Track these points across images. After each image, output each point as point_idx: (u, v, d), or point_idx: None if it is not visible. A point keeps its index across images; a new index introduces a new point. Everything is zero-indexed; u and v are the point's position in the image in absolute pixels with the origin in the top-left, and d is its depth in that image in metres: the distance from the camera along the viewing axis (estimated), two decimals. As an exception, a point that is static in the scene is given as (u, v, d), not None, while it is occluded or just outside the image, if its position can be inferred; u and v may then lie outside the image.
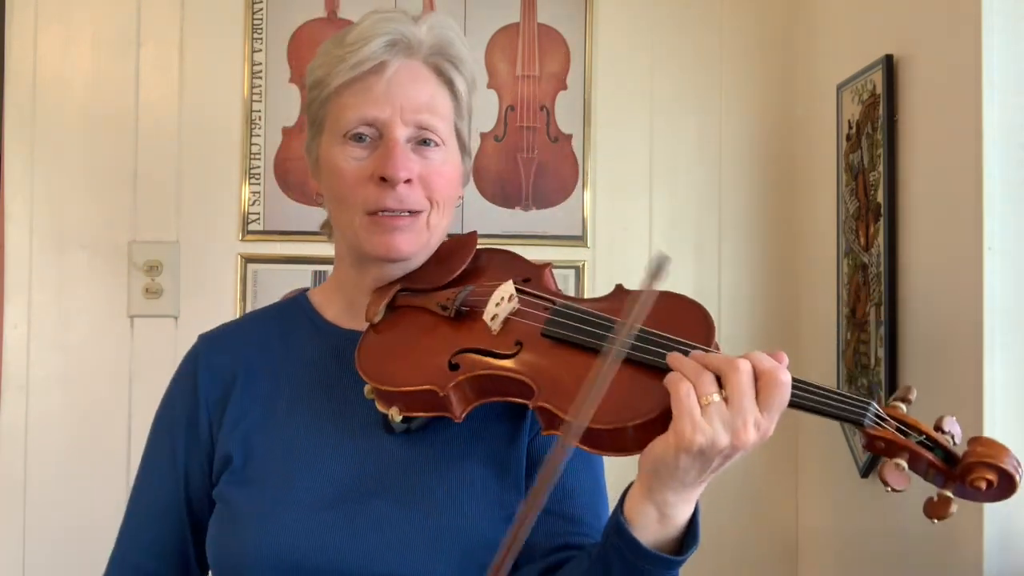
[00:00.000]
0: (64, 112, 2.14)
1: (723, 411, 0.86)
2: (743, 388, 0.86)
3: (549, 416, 0.94)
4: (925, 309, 1.64)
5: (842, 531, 1.98)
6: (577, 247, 2.22)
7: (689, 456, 0.86)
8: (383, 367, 1.06)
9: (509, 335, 1.02)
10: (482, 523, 1.06)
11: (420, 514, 1.04)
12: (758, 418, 0.86)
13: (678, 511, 0.92)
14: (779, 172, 2.27)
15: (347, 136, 1.12)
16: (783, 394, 0.87)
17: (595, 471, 1.16)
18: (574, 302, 1.06)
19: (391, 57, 1.11)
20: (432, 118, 1.12)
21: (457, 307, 1.08)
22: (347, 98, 1.12)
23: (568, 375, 0.96)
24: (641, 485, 0.92)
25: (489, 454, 1.10)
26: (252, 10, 2.18)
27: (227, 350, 1.18)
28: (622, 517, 0.93)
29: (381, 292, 1.14)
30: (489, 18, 2.22)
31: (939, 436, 0.87)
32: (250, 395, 1.14)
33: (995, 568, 1.41)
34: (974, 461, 0.84)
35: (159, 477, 1.17)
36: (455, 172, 1.16)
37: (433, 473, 1.07)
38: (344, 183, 1.12)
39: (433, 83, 1.14)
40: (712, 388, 0.86)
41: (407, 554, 1.02)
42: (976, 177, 1.45)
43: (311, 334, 1.19)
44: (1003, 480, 0.84)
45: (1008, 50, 1.45)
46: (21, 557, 2.09)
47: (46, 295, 2.13)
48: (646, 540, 0.91)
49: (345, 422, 1.11)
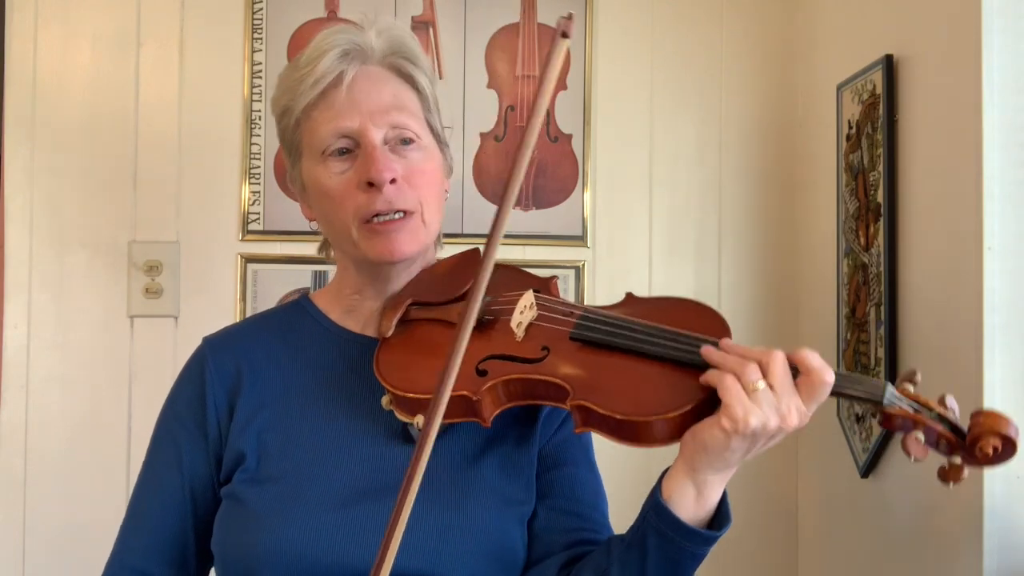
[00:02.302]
0: (64, 112, 2.14)
1: (770, 397, 0.93)
2: (783, 376, 0.94)
3: (586, 413, 0.99)
4: (925, 309, 1.64)
5: (842, 531, 1.98)
6: (577, 247, 2.22)
7: (741, 438, 0.93)
8: (407, 376, 1.07)
9: (533, 341, 1.07)
10: (494, 524, 1.08)
11: (433, 515, 1.05)
12: (799, 403, 0.94)
13: (714, 490, 0.99)
14: (779, 172, 2.27)
15: (325, 153, 1.13)
16: (826, 391, 0.95)
17: (594, 469, 1.20)
18: (597, 310, 1.10)
19: (346, 66, 1.13)
20: (401, 116, 1.13)
21: (479, 316, 1.10)
22: (315, 117, 1.13)
23: (602, 375, 1.01)
24: (685, 465, 0.98)
25: (502, 457, 1.12)
26: (252, 10, 2.18)
27: (232, 351, 1.18)
28: (661, 498, 0.98)
29: (393, 307, 1.15)
30: (489, 18, 2.22)
31: (946, 412, 0.96)
32: (259, 395, 1.15)
33: (995, 568, 1.41)
34: (982, 431, 0.94)
35: (162, 479, 1.17)
36: (436, 166, 1.18)
37: (447, 476, 1.08)
38: (333, 199, 1.13)
39: (394, 83, 1.16)
40: (757, 376, 0.93)
41: (419, 554, 1.03)
42: (976, 177, 1.45)
43: (319, 336, 1.20)
44: (1007, 445, 0.94)
45: (1008, 50, 1.45)
46: (21, 557, 2.09)
47: (46, 295, 2.13)
48: (684, 519, 0.97)
49: (360, 426, 1.12)
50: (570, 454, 1.17)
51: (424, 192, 1.14)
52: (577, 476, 1.16)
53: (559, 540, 1.10)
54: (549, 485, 1.14)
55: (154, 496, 1.17)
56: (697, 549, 0.98)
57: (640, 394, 0.98)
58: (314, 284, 2.16)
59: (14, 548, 2.09)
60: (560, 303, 1.11)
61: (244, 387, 1.15)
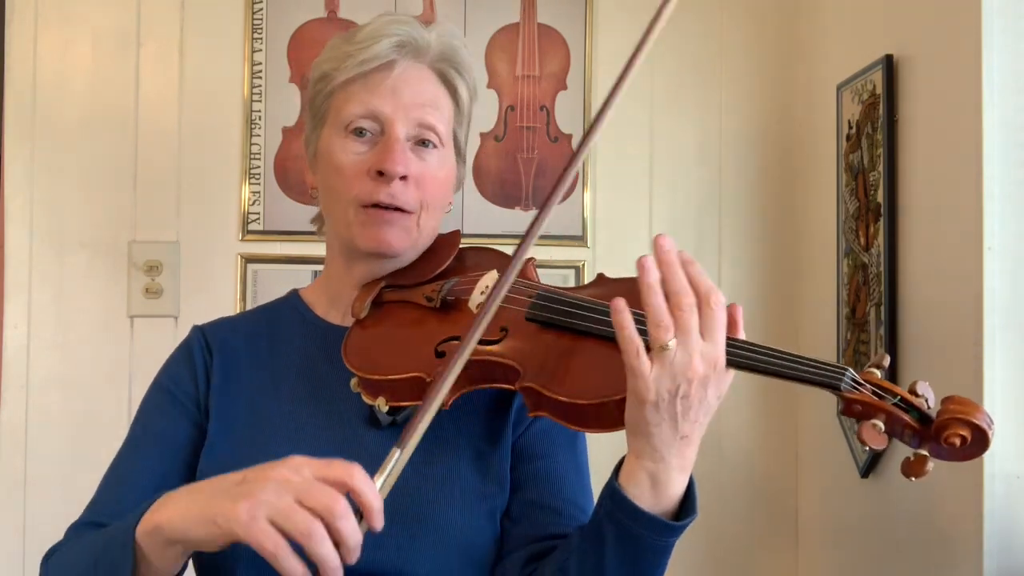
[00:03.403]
0: (64, 112, 2.14)
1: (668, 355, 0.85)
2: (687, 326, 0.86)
3: (536, 396, 0.96)
4: (925, 309, 1.64)
5: (842, 531, 1.98)
6: (577, 247, 2.23)
7: (652, 408, 0.87)
8: (369, 358, 1.07)
9: (494, 321, 1.02)
10: (462, 518, 1.07)
11: (399, 506, 1.02)
12: (701, 346, 0.86)
13: (671, 481, 0.91)
14: (779, 172, 2.27)
15: (348, 129, 1.14)
16: (721, 315, 0.87)
17: (580, 464, 1.17)
18: (557, 290, 1.07)
19: (399, 57, 1.14)
20: (432, 116, 1.14)
21: (442, 297, 1.11)
22: (352, 92, 1.14)
23: (553, 356, 0.98)
24: (630, 452, 0.92)
25: (472, 451, 1.11)
26: (252, 10, 2.18)
27: (216, 339, 1.20)
28: (616, 483, 0.93)
29: (367, 289, 1.17)
30: (489, 18, 2.22)
31: (913, 399, 0.89)
32: (234, 383, 1.16)
33: (995, 568, 1.41)
34: (948, 418, 0.86)
35: (149, 446, 1.16)
36: (449, 176, 1.19)
37: (415, 466, 1.07)
38: (341, 176, 1.14)
39: (436, 86, 1.18)
40: (666, 335, 0.86)
41: (384, 546, 1.02)
42: (976, 177, 1.45)
43: (300, 328, 1.21)
44: (976, 435, 0.85)
45: (1008, 50, 1.45)
46: (21, 556, 2.09)
47: (46, 295, 2.13)
48: (642, 507, 0.91)
49: (329, 413, 1.12)
50: (548, 446, 1.14)
51: (428, 196, 1.15)
52: (555, 469, 1.12)
53: (528, 533, 1.08)
54: (524, 478, 1.12)
55: (137, 461, 1.16)
56: (657, 539, 0.91)
57: (589, 377, 0.93)
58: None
59: (14, 548, 2.09)
60: (525, 284, 1.08)
61: (221, 372, 1.16)
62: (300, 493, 0.82)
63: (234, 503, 0.83)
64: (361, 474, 0.84)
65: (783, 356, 0.90)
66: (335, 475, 0.84)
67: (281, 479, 0.84)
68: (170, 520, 0.89)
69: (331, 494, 0.83)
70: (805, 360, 0.90)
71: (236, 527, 0.83)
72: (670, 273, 0.88)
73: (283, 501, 0.82)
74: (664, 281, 0.88)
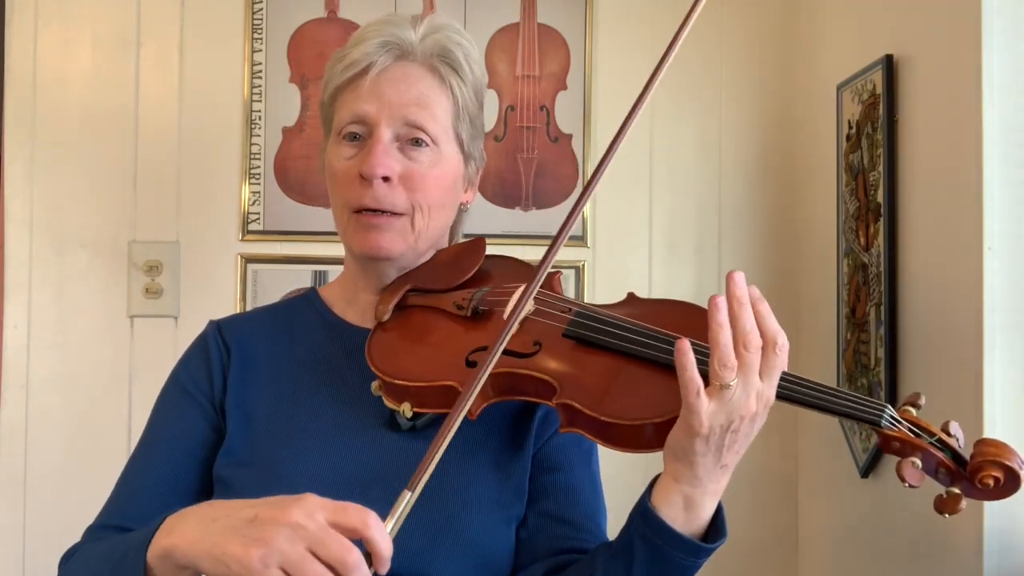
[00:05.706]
0: (64, 112, 2.14)
1: (729, 393, 0.87)
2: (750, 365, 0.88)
3: (572, 413, 0.96)
4: (925, 309, 1.64)
5: (842, 531, 1.98)
6: (577, 247, 2.22)
7: (703, 440, 0.89)
8: (397, 362, 1.06)
9: (527, 335, 1.04)
10: (483, 525, 1.07)
11: (424, 517, 1.02)
12: (759, 386, 0.88)
13: (705, 501, 0.94)
14: (779, 172, 2.27)
15: (342, 135, 1.14)
16: (784, 358, 0.89)
17: (595, 480, 1.17)
18: (594, 307, 1.07)
19: (381, 58, 1.13)
20: (420, 114, 1.12)
21: (474, 306, 1.09)
22: (344, 98, 1.15)
23: (591, 375, 0.98)
24: (667, 474, 0.94)
25: (492, 459, 1.11)
26: (252, 10, 2.18)
27: (235, 333, 1.20)
28: (649, 504, 0.94)
29: (390, 291, 1.15)
30: (489, 18, 2.22)
31: (948, 439, 0.92)
32: (253, 380, 1.15)
33: (995, 568, 1.41)
34: (984, 460, 0.90)
35: (162, 444, 1.16)
36: (446, 175, 1.16)
37: (438, 479, 1.07)
38: (336, 182, 1.15)
39: (427, 83, 1.15)
40: (729, 375, 0.87)
41: (402, 547, 1.02)
42: (976, 177, 1.45)
43: (319, 327, 1.20)
44: (1009, 477, 0.89)
45: (1008, 50, 1.45)
46: (21, 556, 2.09)
47: (46, 295, 2.13)
48: (673, 527, 0.93)
49: (349, 415, 1.12)
50: (566, 459, 1.14)
51: (421, 196, 1.13)
52: (571, 482, 1.13)
53: (546, 547, 1.08)
54: (541, 489, 1.12)
55: (155, 462, 1.16)
56: (686, 559, 0.94)
57: (629, 397, 0.94)
58: (314, 284, 2.16)
59: (14, 548, 2.09)
60: (559, 299, 1.09)
61: (240, 370, 1.16)
62: (313, 543, 0.82)
63: (246, 549, 0.83)
64: (375, 522, 0.84)
65: (826, 391, 0.93)
66: (350, 523, 0.84)
67: (294, 525, 0.83)
68: (180, 547, 0.89)
69: (345, 545, 0.83)
70: (846, 395, 0.93)
71: (248, 575, 0.83)
72: (741, 312, 0.89)
73: (296, 551, 0.82)
74: (733, 318, 0.88)
